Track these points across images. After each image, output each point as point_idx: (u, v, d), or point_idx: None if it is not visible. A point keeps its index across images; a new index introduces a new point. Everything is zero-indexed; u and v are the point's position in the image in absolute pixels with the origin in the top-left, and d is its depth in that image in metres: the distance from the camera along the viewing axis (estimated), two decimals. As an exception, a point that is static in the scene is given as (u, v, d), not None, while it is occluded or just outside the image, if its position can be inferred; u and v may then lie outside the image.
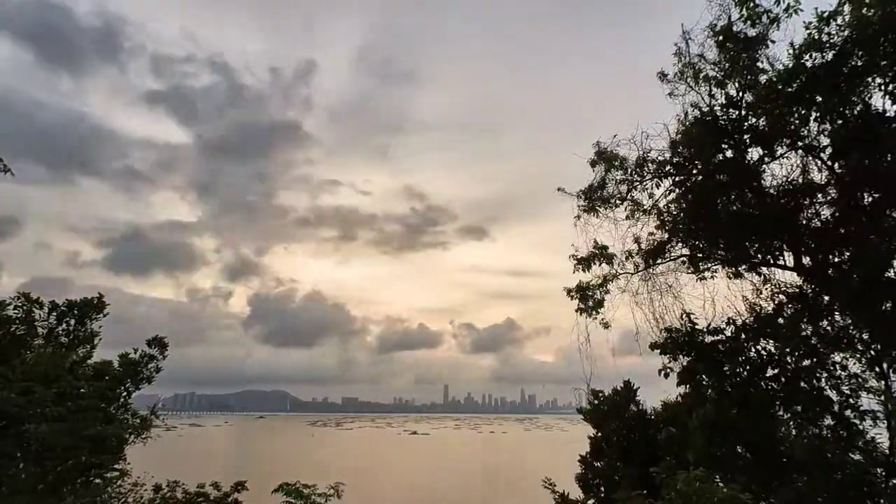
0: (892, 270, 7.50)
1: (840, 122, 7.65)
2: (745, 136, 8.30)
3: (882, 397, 8.32)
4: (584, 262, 10.02)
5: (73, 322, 13.24)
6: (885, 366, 8.18)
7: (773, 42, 7.89)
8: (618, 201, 9.80)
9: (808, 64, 7.44)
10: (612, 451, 13.37)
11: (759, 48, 7.93)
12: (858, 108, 7.49)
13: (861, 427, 8.35)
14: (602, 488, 13.28)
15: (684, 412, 10.55)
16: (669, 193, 9.44)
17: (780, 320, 9.11)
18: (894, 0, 6.66)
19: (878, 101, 7.43)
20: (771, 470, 8.49)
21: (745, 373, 9.34)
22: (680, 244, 9.69)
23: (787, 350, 8.88)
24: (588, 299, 10.10)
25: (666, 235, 9.66)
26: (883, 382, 8.31)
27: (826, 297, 8.43)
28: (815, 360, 8.67)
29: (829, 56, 7.25)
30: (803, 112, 7.75)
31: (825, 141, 7.99)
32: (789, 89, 7.53)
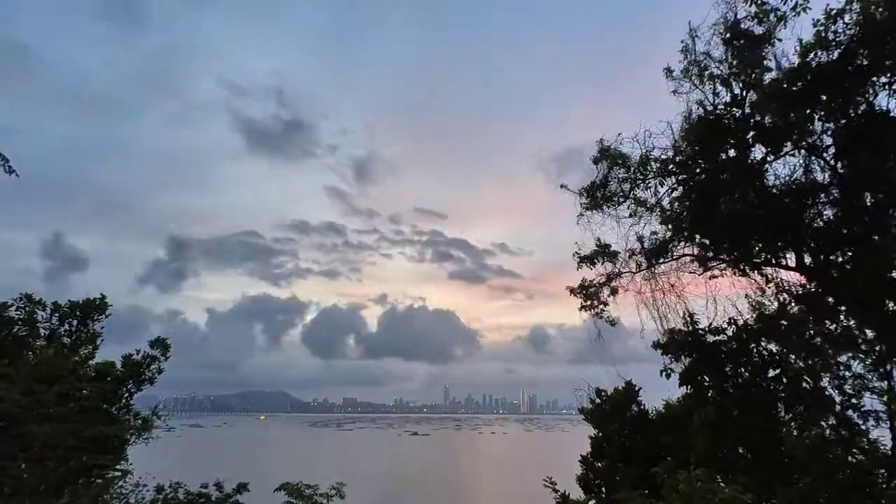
0: (895, 271, 7.48)
1: (844, 121, 7.64)
2: (749, 135, 8.28)
3: (885, 398, 8.31)
4: (587, 260, 10.01)
5: (75, 323, 13.23)
6: (888, 367, 8.17)
7: (779, 40, 7.88)
8: (620, 199, 9.77)
9: (814, 63, 7.44)
10: (613, 452, 13.35)
11: (766, 46, 7.92)
12: (863, 108, 7.48)
13: (864, 427, 8.34)
14: (603, 489, 13.26)
15: (686, 413, 10.54)
16: (672, 192, 9.43)
17: (784, 320, 9.10)
18: None
19: (882, 100, 7.44)
20: (772, 470, 8.47)
21: (747, 373, 9.34)
22: (683, 243, 9.68)
23: (791, 350, 8.86)
24: (591, 298, 10.10)
25: (669, 234, 9.65)
26: (886, 383, 8.30)
27: (830, 298, 8.41)
28: (818, 360, 8.65)
29: (836, 55, 7.25)
30: (807, 111, 7.74)
31: (828, 141, 7.99)
32: (794, 88, 7.52)
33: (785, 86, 7.61)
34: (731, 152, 8.53)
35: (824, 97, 7.55)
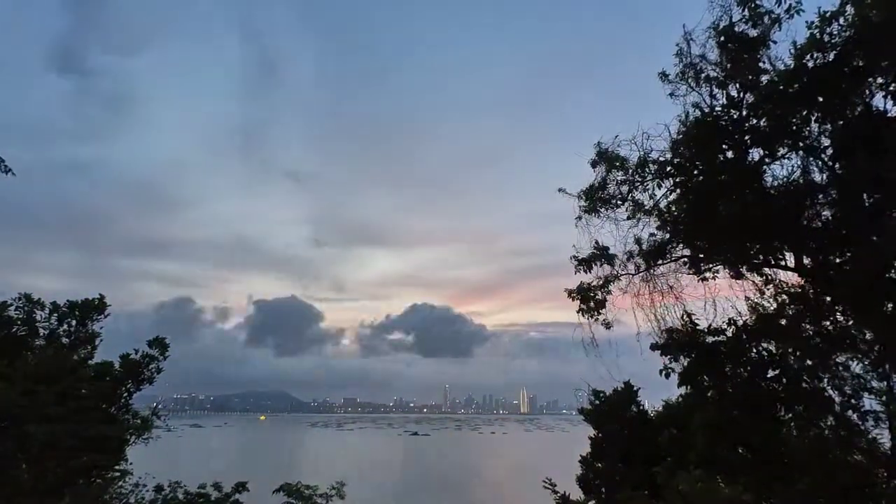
0: (894, 271, 7.49)
1: (841, 122, 7.65)
2: (746, 137, 8.29)
3: (884, 398, 8.33)
4: (585, 263, 10.01)
5: (74, 323, 13.24)
6: (887, 367, 8.18)
7: (774, 42, 7.90)
8: (619, 202, 9.78)
9: (810, 64, 7.46)
10: (613, 452, 13.36)
11: (761, 49, 7.94)
12: (860, 109, 7.50)
13: (863, 428, 8.36)
14: (603, 489, 13.27)
15: (685, 413, 10.56)
16: (670, 194, 9.44)
17: (782, 321, 9.11)
18: None
19: (879, 101, 7.46)
20: (772, 471, 8.48)
21: (747, 373, 9.35)
22: (681, 245, 9.68)
23: (789, 350, 8.88)
24: (589, 300, 10.09)
25: (667, 236, 9.65)
26: (885, 383, 8.31)
27: (828, 298, 8.43)
28: (817, 360, 8.67)
29: (831, 56, 7.27)
30: (804, 113, 7.76)
31: (826, 142, 8.00)
32: (790, 90, 7.54)
33: (781, 88, 7.62)
34: (729, 154, 8.54)
35: (821, 98, 7.56)
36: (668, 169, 9.15)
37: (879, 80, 7.30)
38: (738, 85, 8.18)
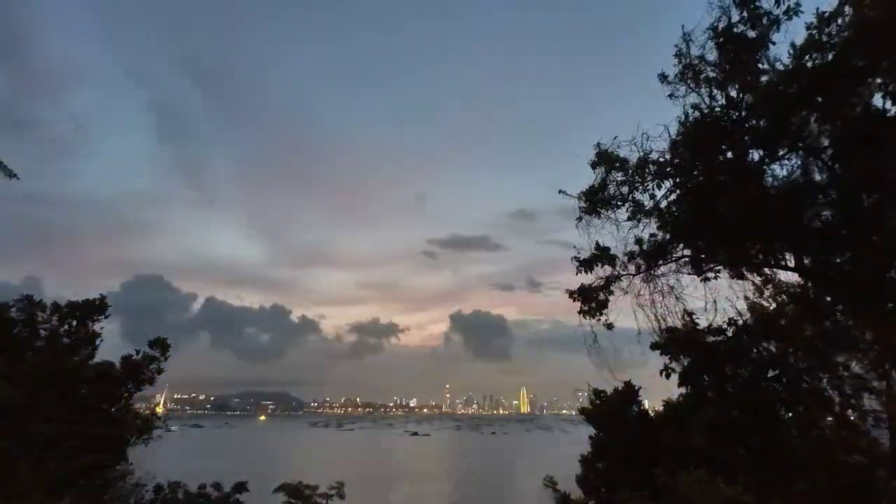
0: (893, 271, 7.49)
1: (840, 123, 7.65)
2: (746, 138, 8.29)
3: (884, 398, 8.34)
4: (586, 264, 10.00)
5: (74, 324, 13.25)
6: (887, 367, 8.19)
7: (773, 43, 7.90)
8: (619, 203, 9.76)
9: (809, 65, 7.47)
10: (613, 452, 13.37)
11: (760, 50, 7.94)
12: (859, 109, 7.50)
13: (863, 428, 8.37)
14: (603, 489, 13.28)
15: (685, 413, 10.56)
16: (670, 195, 9.43)
17: (782, 321, 9.13)
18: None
19: (878, 101, 7.46)
20: (773, 471, 8.49)
21: (747, 373, 9.36)
22: (681, 245, 9.68)
23: (790, 350, 8.90)
24: (590, 301, 10.08)
25: (667, 237, 9.65)
26: (885, 383, 8.33)
27: (828, 298, 8.44)
28: (817, 360, 8.68)
29: (830, 57, 7.27)
30: (804, 113, 7.76)
31: (826, 142, 8.00)
32: (790, 90, 7.54)
33: (780, 88, 7.62)
34: (729, 154, 8.54)
35: (820, 99, 7.56)
36: (668, 170, 9.14)
37: (878, 81, 7.30)
38: (737, 86, 8.18)
